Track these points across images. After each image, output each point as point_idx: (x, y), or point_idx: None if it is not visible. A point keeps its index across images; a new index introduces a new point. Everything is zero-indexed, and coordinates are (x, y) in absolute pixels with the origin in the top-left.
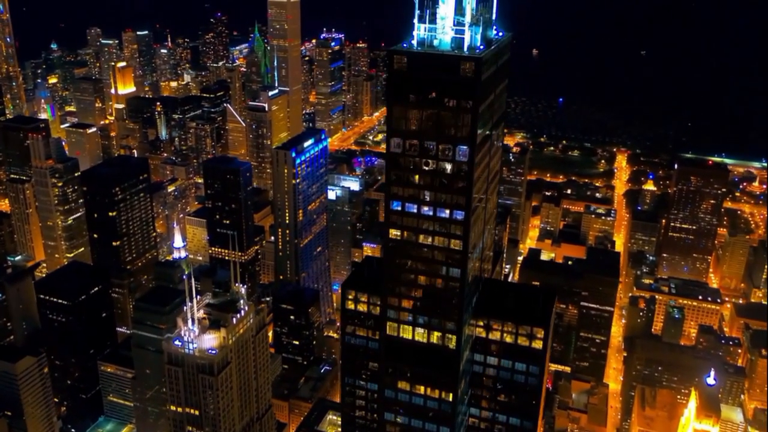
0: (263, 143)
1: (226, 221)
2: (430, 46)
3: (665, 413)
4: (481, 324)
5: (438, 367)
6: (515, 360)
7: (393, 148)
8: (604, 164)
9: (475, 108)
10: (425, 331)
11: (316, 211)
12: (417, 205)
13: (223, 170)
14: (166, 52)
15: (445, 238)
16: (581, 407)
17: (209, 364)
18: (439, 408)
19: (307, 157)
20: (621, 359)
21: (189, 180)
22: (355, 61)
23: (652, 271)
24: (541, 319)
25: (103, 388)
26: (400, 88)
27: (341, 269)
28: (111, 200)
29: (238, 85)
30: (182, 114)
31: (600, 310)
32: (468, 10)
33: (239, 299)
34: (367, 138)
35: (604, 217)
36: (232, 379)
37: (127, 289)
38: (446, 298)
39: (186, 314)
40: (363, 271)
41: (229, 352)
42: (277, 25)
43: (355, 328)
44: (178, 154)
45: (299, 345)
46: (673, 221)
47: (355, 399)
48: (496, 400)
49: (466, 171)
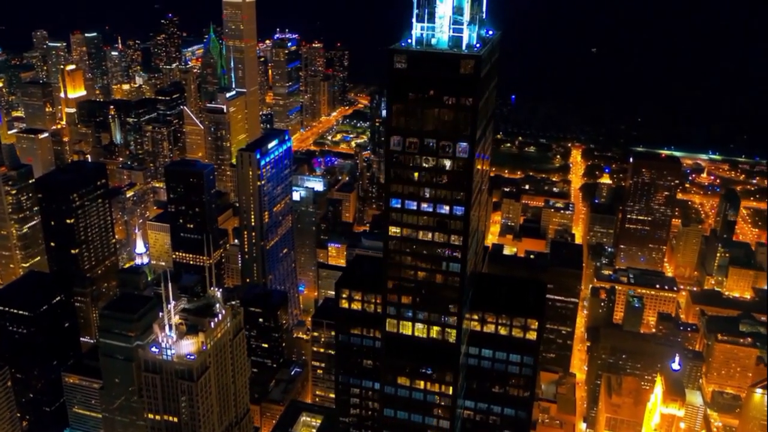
0: (222, 145)
1: (189, 225)
2: (428, 45)
3: (631, 400)
4: (476, 318)
5: (438, 362)
6: (510, 352)
7: (393, 146)
8: (559, 159)
9: (474, 105)
10: (425, 326)
11: (282, 213)
12: (417, 202)
13: (186, 173)
14: (117, 55)
15: (445, 234)
16: (550, 397)
17: (188, 370)
18: (439, 402)
19: (272, 158)
20: (585, 349)
21: (147, 184)
22: (311, 61)
23: (611, 263)
24: (535, 311)
25: (68, 400)
26: (400, 86)
27: (307, 270)
28: (68, 207)
29: (194, 87)
30: (137, 117)
31: (565, 302)
32: (466, 9)
33: (215, 303)
34: (326, 138)
35: (562, 211)
36: (211, 384)
37: (90, 297)
38: (446, 293)
39: (162, 320)
40: (355, 269)
41: (208, 357)
42: (233, 26)
43: (349, 327)
44: (134, 158)
45: (268, 348)
46: (630, 213)
47: (350, 397)
48: (491, 392)
49: (466, 167)
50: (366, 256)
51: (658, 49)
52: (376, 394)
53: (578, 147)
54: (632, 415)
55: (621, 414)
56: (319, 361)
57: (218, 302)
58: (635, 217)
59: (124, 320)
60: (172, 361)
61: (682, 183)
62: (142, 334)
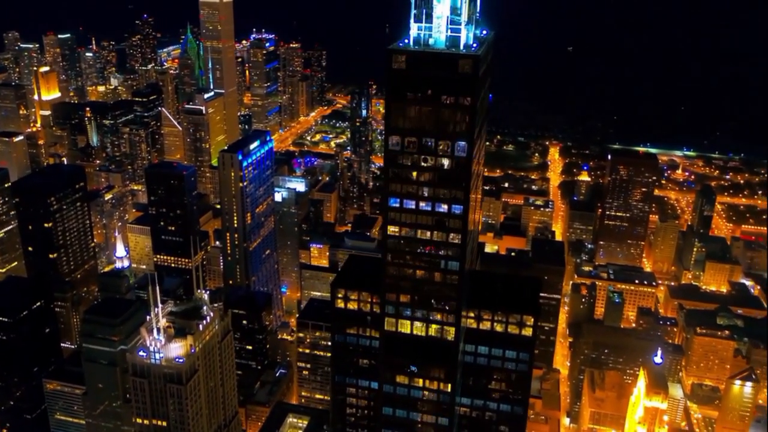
0: (201, 147)
1: (171, 228)
2: (426, 45)
3: (614, 394)
4: (472, 315)
5: (437, 359)
6: (506, 348)
7: (391, 145)
8: (537, 157)
9: (473, 104)
10: (423, 324)
11: (264, 214)
12: (415, 201)
13: (167, 175)
14: (91, 56)
15: (443, 232)
16: (535, 393)
17: (177, 373)
18: (438, 399)
19: (254, 159)
20: (567, 345)
21: (126, 187)
22: (289, 62)
23: (591, 259)
24: (530, 307)
25: (50, 407)
26: (399, 86)
27: (289, 271)
28: (46, 211)
29: (171, 88)
30: (113, 119)
31: (548, 298)
32: (464, 9)
33: (202, 305)
34: (305, 138)
35: (542, 208)
36: (200, 387)
37: (71, 302)
38: (445, 291)
39: (150, 324)
40: (350, 270)
41: (197, 360)
42: (210, 27)
43: (345, 327)
44: (111, 160)
45: (253, 350)
46: (608, 210)
47: (346, 397)
48: (487, 389)
49: (464, 166)
50: (360, 256)
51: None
52: (372, 394)
53: (556, 145)
54: (616, 408)
55: (604, 408)
56: (304, 362)
57: (206, 304)
58: (614, 213)
59: (107, 324)
60: (161, 364)
61: (658, 179)
62: (126, 339)
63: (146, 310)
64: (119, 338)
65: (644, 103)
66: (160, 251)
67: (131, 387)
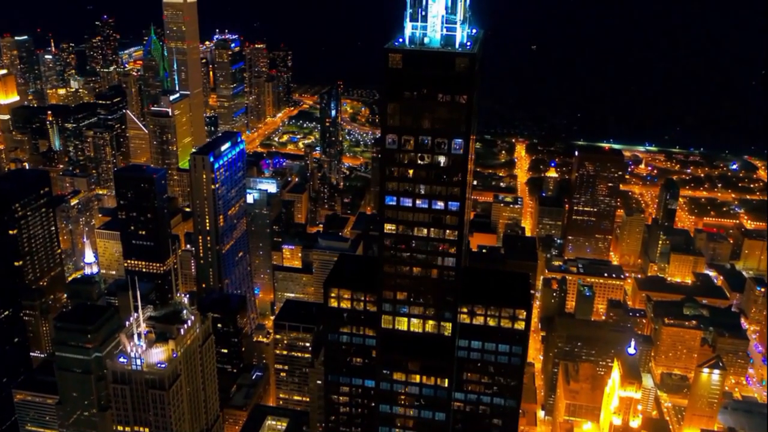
0: (168, 149)
1: (142, 232)
2: (422, 44)
3: (588, 385)
4: (464, 310)
5: (435, 355)
6: (499, 342)
7: (388, 144)
8: (504, 155)
9: (469, 102)
10: (420, 321)
11: (236, 216)
12: (412, 198)
13: (137, 179)
14: (50, 58)
15: (440, 229)
16: None
17: (159, 379)
18: (435, 395)
19: (225, 161)
20: (539, 339)
21: (91, 192)
22: (255, 62)
23: (561, 254)
24: (522, 301)
25: (20, 418)
26: (396, 85)
27: (261, 273)
28: (11, 218)
29: (135, 90)
30: (76, 123)
31: None
32: (460, 8)
33: (182, 309)
34: (272, 139)
35: (511, 205)
36: (182, 392)
37: (39, 310)
38: (442, 288)
39: (130, 329)
40: (341, 269)
41: (179, 364)
42: (174, 27)
43: (338, 326)
44: (75, 165)
45: (228, 353)
46: (576, 205)
47: (340, 396)
48: (481, 383)
49: (461, 163)
50: (351, 255)
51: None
52: (366, 392)
53: (522, 142)
54: (590, 400)
55: (579, 400)
56: (282, 363)
57: (186, 308)
58: (582, 208)
59: (80, 332)
60: (142, 370)
61: (624, 175)
62: (100, 346)
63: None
64: (93, 345)
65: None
66: (130, 256)
67: (111, 394)
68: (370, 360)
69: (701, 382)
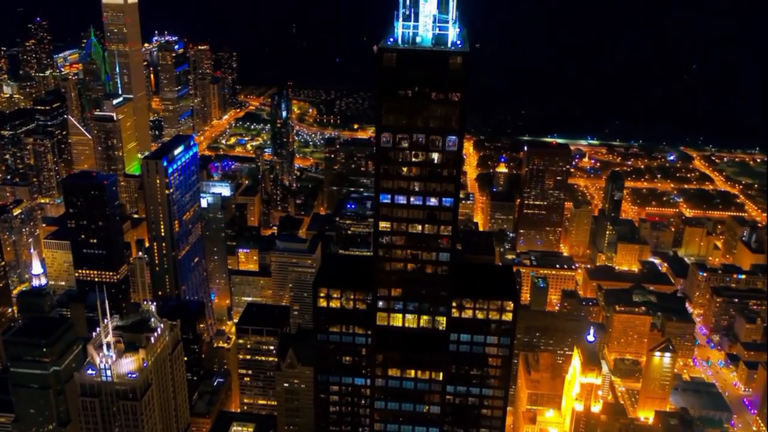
0: (114, 155)
1: (93, 240)
2: (413, 43)
3: (549, 374)
4: (454, 304)
5: (429, 350)
6: (488, 334)
7: (383, 143)
8: None
9: (462, 99)
10: (414, 316)
11: (191, 221)
12: (406, 196)
13: (87, 186)
14: None
15: (434, 225)
16: None
17: (131, 389)
18: (430, 389)
19: (179, 165)
20: None
21: (34, 201)
22: (199, 64)
23: (513, 247)
24: (509, 293)
25: None
26: (390, 84)
27: (217, 278)
28: None
29: (75, 94)
30: (13, 129)
31: None
32: (452, 8)
33: (150, 317)
34: (220, 142)
35: (463, 201)
36: (154, 402)
37: None
38: (437, 282)
39: (97, 340)
40: (328, 268)
41: (150, 374)
42: (115, 29)
43: (329, 325)
44: (14, 173)
45: (188, 360)
46: (527, 199)
47: (329, 395)
48: (470, 375)
49: (455, 159)
50: (336, 254)
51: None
52: (357, 390)
53: (469, 139)
54: (551, 388)
55: (541, 389)
56: (246, 368)
57: (153, 316)
58: (532, 202)
59: (36, 345)
60: (113, 381)
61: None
62: (58, 359)
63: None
64: (51, 359)
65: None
66: (81, 266)
67: (80, 408)
68: (360, 358)
69: (653, 365)
